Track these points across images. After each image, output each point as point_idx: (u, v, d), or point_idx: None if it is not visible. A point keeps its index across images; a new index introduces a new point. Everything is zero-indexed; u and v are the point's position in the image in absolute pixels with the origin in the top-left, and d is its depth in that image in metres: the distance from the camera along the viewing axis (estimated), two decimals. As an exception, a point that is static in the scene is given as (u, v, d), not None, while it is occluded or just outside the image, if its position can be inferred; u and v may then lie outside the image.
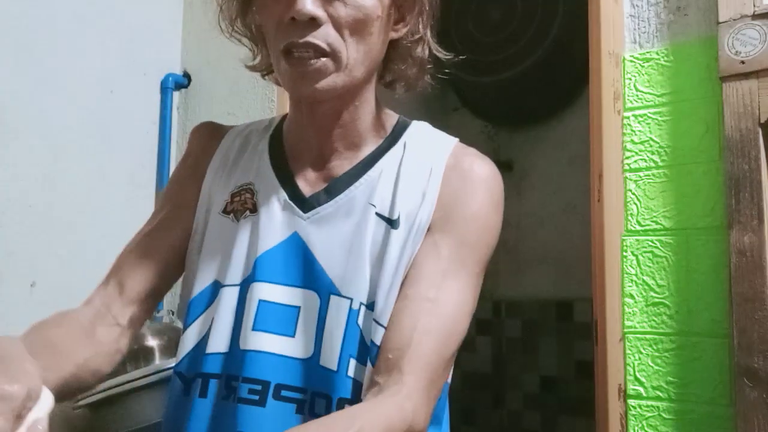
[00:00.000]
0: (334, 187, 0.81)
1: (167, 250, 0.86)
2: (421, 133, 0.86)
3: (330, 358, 0.75)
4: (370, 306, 0.76)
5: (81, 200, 1.92)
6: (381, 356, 0.73)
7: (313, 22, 0.72)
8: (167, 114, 2.14)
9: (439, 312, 0.74)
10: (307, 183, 0.83)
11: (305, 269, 0.79)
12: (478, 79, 2.41)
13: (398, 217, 0.78)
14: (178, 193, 0.90)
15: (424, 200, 0.79)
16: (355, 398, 0.73)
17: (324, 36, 0.73)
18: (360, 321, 0.75)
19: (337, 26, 0.74)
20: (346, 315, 0.75)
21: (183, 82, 2.21)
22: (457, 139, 0.86)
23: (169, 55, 2.22)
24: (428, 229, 0.78)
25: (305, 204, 0.81)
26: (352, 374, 0.74)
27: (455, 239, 0.78)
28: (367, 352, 0.74)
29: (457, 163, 0.81)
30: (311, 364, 0.76)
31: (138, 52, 2.11)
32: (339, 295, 0.76)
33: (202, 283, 0.83)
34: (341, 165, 0.83)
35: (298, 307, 0.78)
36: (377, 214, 0.79)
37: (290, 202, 0.81)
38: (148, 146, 2.12)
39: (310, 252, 0.79)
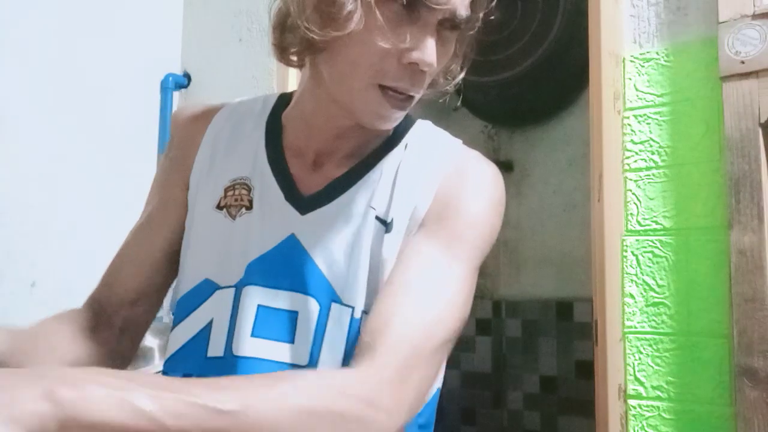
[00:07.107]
0: (334, 188, 0.77)
1: (156, 250, 0.84)
2: (424, 134, 0.83)
3: (331, 367, 0.71)
4: (368, 312, 0.72)
5: (81, 200, 1.92)
6: (358, 343, 0.67)
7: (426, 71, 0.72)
8: (167, 114, 2.13)
9: (423, 298, 0.69)
10: (306, 181, 0.79)
11: (303, 273, 0.74)
12: (478, 79, 2.40)
13: (392, 221, 0.75)
14: (165, 188, 0.86)
15: (419, 203, 0.75)
16: None
17: (425, 84, 0.74)
18: None
19: (431, 73, 0.74)
20: (348, 323, 0.72)
21: (183, 82, 2.20)
22: (459, 141, 0.83)
23: (169, 55, 2.22)
24: (420, 227, 0.75)
25: (303, 204, 0.77)
26: None
27: (447, 232, 0.74)
28: None
29: (458, 166, 0.78)
30: None
31: (138, 52, 2.11)
32: (340, 303, 0.73)
33: (192, 280, 0.79)
34: (342, 164, 0.79)
35: (297, 312, 0.74)
36: (377, 217, 0.75)
37: (287, 202, 0.77)
38: (148, 146, 2.12)
39: (308, 255, 0.75)
